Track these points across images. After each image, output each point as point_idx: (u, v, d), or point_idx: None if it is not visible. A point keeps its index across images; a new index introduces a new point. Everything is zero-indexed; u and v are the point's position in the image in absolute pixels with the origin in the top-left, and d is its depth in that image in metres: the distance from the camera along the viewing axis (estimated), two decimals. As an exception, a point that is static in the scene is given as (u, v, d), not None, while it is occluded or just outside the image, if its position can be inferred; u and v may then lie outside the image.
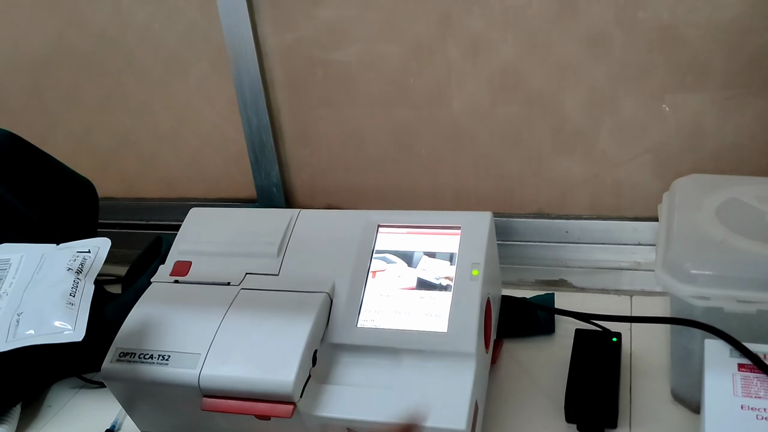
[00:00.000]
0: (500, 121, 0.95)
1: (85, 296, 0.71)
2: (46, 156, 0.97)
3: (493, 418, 0.76)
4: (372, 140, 1.02)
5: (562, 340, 0.86)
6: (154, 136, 1.15)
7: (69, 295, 0.70)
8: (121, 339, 0.75)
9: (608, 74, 0.88)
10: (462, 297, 0.72)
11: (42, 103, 1.18)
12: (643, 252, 0.94)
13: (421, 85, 0.96)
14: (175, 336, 0.73)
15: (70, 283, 0.71)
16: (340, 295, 0.75)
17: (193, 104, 1.09)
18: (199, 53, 1.05)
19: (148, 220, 1.21)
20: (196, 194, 1.18)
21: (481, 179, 1.00)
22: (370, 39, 0.95)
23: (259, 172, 1.08)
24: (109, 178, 1.21)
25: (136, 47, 1.07)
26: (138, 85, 1.11)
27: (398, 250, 0.78)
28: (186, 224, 0.87)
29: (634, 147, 0.91)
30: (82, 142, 1.19)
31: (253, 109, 1.03)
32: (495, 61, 0.91)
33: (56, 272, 0.73)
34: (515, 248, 1.00)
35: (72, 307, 0.69)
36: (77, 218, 1.00)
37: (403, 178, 1.04)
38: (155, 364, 0.71)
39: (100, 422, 0.82)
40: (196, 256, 0.82)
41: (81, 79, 1.13)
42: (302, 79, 1.01)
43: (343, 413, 0.68)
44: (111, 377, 0.73)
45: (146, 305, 0.78)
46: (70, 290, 0.70)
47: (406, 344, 0.70)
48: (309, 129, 1.05)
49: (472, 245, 0.75)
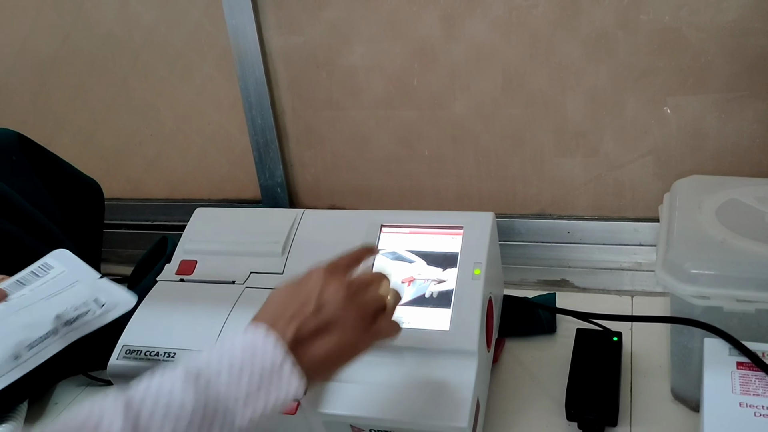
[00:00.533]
0: (503, 122, 0.96)
1: (38, 357, 0.62)
2: (53, 156, 0.97)
3: (494, 416, 0.77)
4: (375, 141, 1.03)
5: (563, 340, 0.87)
6: (159, 137, 1.16)
7: (24, 347, 0.62)
8: (127, 337, 0.76)
9: (610, 76, 0.88)
10: (464, 296, 0.73)
11: (49, 104, 1.19)
12: (644, 252, 0.95)
13: (424, 87, 0.97)
14: (180, 333, 0.74)
15: (39, 334, 0.63)
16: (344, 294, 0.76)
17: (198, 105, 1.10)
18: (205, 54, 1.06)
19: (153, 221, 1.22)
20: (201, 195, 1.18)
21: (483, 180, 1.01)
22: (374, 40, 0.96)
23: (263, 172, 1.09)
24: (114, 178, 1.22)
25: (141, 48, 1.08)
26: (143, 85, 1.12)
27: (401, 250, 0.79)
28: (191, 224, 0.88)
29: (636, 148, 0.91)
30: (88, 143, 1.20)
31: (258, 110, 1.04)
32: (497, 62, 0.92)
33: (47, 312, 0.65)
34: (517, 248, 1.01)
35: (14, 361, 0.61)
36: (84, 218, 1.01)
37: (407, 178, 1.04)
38: (161, 362, 0.72)
39: (106, 419, 0.83)
40: (201, 255, 0.83)
41: (87, 79, 1.14)
42: (306, 80, 1.02)
43: (347, 410, 0.68)
44: (117, 374, 0.74)
45: (152, 303, 0.79)
46: (31, 342, 0.62)
47: (408, 342, 0.71)
48: (313, 130, 1.06)
49: (474, 245, 0.76)
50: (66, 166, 0.99)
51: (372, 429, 0.69)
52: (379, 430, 0.68)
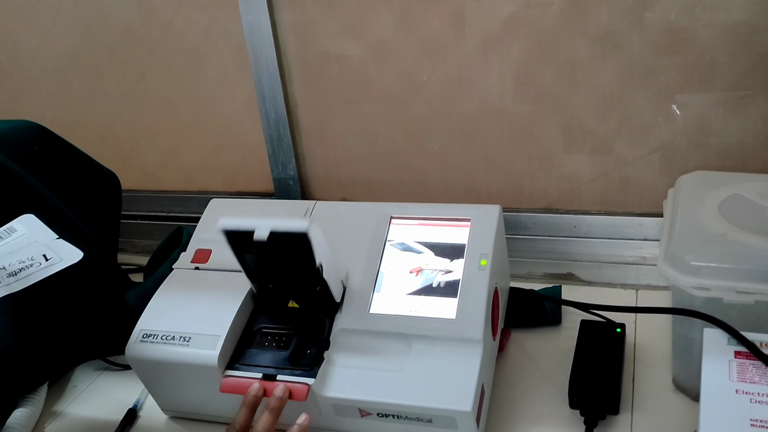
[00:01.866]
0: (511, 118, 0.98)
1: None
2: (72, 148, 1.00)
3: (499, 403, 0.79)
4: (385, 136, 1.05)
5: (568, 331, 0.89)
6: (174, 130, 1.19)
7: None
8: (144, 321, 0.78)
9: (617, 74, 0.90)
10: (470, 286, 0.75)
11: (68, 97, 1.22)
12: (649, 247, 0.96)
13: (434, 82, 0.99)
14: (195, 319, 0.77)
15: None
16: (354, 283, 0.78)
17: (214, 98, 1.13)
18: (220, 49, 1.08)
19: (168, 212, 1.25)
20: (215, 187, 1.21)
21: (491, 175, 1.03)
22: (386, 36, 0.98)
23: (276, 164, 1.12)
24: (131, 170, 1.24)
25: (159, 43, 1.11)
26: (160, 79, 1.14)
27: (410, 241, 0.81)
28: (206, 214, 0.90)
29: (643, 145, 0.93)
30: (106, 135, 1.23)
31: (272, 104, 1.07)
32: (507, 59, 0.94)
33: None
34: (524, 242, 1.02)
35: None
36: (102, 208, 1.04)
37: (416, 172, 1.06)
38: (177, 345, 0.75)
39: (122, 402, 0.86)
40: (216, 245, 0.85)
41: (106, 73, 1.17)
42: (319, 75, 1.04)
43: (355, 394, 0.71)
44: (135, 358, 0.77)
45: (169, 290, 0.82)
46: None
47: (416, 330, 0.73)
48: (325, 124, 1.08)
49: (481, 237, 0.78)
50: (85, 157, 1.02)
51: (379, 412, 0.71)
52: (386, 413, 0.71)
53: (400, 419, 0.70)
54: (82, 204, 1.00)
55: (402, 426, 0.71)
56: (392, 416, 0.71)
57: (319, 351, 0.74)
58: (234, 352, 0.76)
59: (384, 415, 0.71)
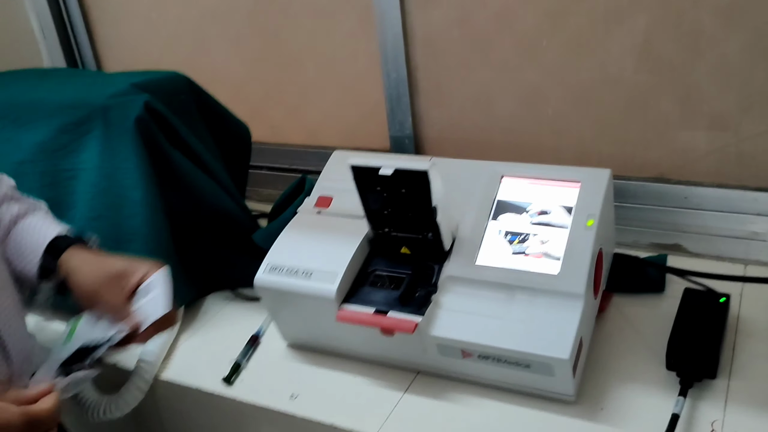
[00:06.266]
0: (628, 87, 0.98)
1: None
2: (213, 99, 1.10)
3: (595, 360, 0.82)
4: (500, 100, 1.08)
5: (670, 300, 0.89)
6: (300, 87, 1.27)
7: None
8: (272, 256, 0.87)
9: (742, 45, 0.88)
10: (576, 244, 0.78)
11: (207, 54, 1.32)
12: (762, 222, 0.94)
13: (553, 49, 1.00)
14: (316, 256, 0.84)
15: None
16: (463, 234, 0.83)
17: (339, 57, 1.20)
18: (348, 10, 1.14)
19: (290, 165, 1.33)
20: (335, 143, 1.28)
21: (603, 143, 1.04)
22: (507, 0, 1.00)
23: (394, 123, 1.17)
24: (258, 124, 1.33)
25: (291, 3, 1.18)
26: (291, 39, 1.22)
27: (519, 199, 0.85)
28: (330, 164, 0.97)
29: (765, 120, 0.91)
30: (240, 90, 1.32)
31: (393, 64, 1.12)
32: (627, 28, 0.94)
33: None
34: (632, 210, 1.03)
35: None
36: (235, 156, 1.14)
37: (528, 137, 1.09)
38: (300, 278, 0.83)
39: (247, 329, 0.95)
40: (337, 192, 0.92)
41: (242, 32, 1.26)
42: (440, 38, 1.08)
43: (460, 336, 0.76)
44: (262, 286, 0.85)
45: (294, 230, 0.90)
46: None
47: (519, 282, 0.77)
48: (442, 86, 1.12)
49: (589, 198, 0.81)
50: (223, 109, 1.12)
51: (481, 354, 0.76)
52: (487, 355, 0.76)
53: (500, 362, 0.75)
54: (219, 151, 1.10)
55: (501, 369, 0.76)
56: (493, 359, 0.75)
57: (428, 294, 0.80)
58: (350, 289, 0.83)
59: (485, 358, 0.76)
